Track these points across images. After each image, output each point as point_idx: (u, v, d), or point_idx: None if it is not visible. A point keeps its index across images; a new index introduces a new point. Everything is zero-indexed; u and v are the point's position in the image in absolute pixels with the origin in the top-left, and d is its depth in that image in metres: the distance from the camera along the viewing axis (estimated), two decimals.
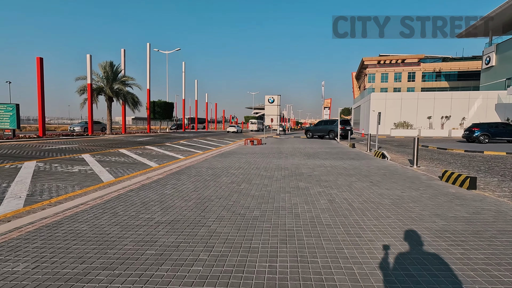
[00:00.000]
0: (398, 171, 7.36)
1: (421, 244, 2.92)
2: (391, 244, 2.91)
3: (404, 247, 2.84)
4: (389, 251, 2.75)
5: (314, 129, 24.43)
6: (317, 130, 23.89)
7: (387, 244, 2.91)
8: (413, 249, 2.80)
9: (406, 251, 2.75)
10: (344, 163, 8.97)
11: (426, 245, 2.90)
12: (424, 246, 2.88)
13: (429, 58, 66.28)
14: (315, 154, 11.73)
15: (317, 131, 23.83)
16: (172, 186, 5.63)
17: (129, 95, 27.05)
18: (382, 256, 2.65)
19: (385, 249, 2.80)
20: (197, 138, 23.46)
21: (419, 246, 2.86)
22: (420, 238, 3.08)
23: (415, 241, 3.00)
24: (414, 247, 2.84)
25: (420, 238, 3.07)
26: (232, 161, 9.57)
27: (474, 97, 31.01)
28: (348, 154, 11.92)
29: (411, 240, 3.02)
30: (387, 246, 2.87)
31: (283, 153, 12.14)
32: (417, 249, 2.80)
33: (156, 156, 11.42)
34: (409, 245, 2.90)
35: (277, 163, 9.11)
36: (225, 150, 13.69)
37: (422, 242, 2.97)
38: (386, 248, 2.81)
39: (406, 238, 3.07)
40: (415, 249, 2.79)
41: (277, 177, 6.66)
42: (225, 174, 7.05)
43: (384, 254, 2.69)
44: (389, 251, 2.75)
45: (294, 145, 17.47)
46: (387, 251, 2.75)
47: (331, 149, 14.17)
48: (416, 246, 2.86)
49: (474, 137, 18.85)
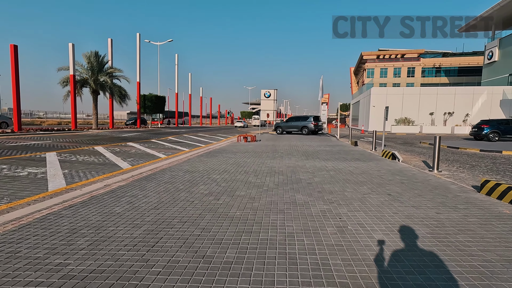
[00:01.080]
0: (417, 178, 6.02)
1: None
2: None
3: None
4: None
5: (285, 125, 23.16)
6: (288, 126, 22.75)
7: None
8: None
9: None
10: (349, 166, 7.63)
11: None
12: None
13: (429, 53, 64.99)
14: (315, 154, 10.38)
15: (288, 127, 22.71)
16: (128, 200, 4.24)
17: (116, 87, 25.43)
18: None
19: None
20: (188, 134, 22.01)
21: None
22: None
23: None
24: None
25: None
26: (218, 162, 8.19)
27: (479, 93, 29.80)
28: (351, 153, 10.58)
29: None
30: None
31: (279, 152, 10.78)
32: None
33: (133, 155, 10.00)
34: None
35: (270, 164, 7.75)
36: (214, 148, 12.30)
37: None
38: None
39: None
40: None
41: (269, 185, 5.29)
42: (205, 180, 5.67)
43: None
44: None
45: (291, 142, 16.11)
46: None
47: (332, 148, 12.84)
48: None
49: (483, 134, 17.61)
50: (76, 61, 24.77)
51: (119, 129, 27.20)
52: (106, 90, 25.11)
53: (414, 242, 2.84)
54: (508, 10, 33.54)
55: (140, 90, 31.89)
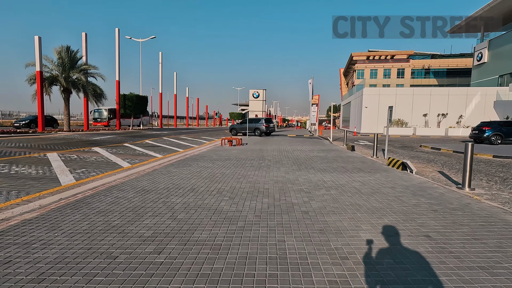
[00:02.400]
0: (449, 201, 4.48)
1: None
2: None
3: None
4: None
5: (239, 127, 23.79)
6: (242, 128, 23.28)
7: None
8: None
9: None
10: (352, 180, 6.05)
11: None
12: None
13: (418, 54, 64.96)
14: (308, 161, 8.79)
15: (242, 129, 23.25)
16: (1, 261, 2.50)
17: (90, 86, 23.25)
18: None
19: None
20: (169, 137, 20.13)
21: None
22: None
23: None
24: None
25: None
26: (189, 174, 6.48)
27: (472, 94, 29.05)
28: (350, 161, 9.05)
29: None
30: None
31: (266, 159, 9.15)
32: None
33: (90, 163, 8.18)
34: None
35: (254, 179, 6.10)
36: (193, 154, 10.57)
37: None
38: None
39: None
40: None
41: (247, 217, 3.64)
42: (157, 208, 3.97)
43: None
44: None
45: (280, 146, 14.52)
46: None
47: (326, 153, 11.30)
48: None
49: (484, 137, 16.49)
50: (46, 57, 22.58)
51: (95, 131, 25.00)
52: (79, 89, 22.90)
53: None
54: (496, 11, 33.26)
55: (119, 89, 29.72)
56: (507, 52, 32.16)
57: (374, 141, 10.15)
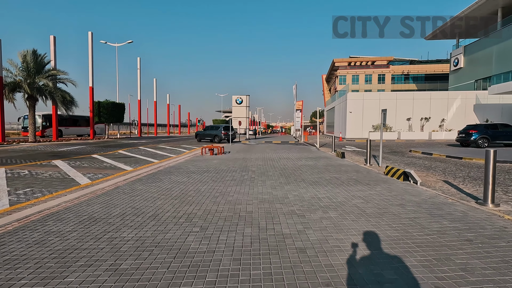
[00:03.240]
0: (481, 224, 3.60)
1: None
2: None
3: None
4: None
5: (202, 133, 25.32)
6: (205, 135, 24.85)
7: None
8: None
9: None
10: (351, 195, 5.12)
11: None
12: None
13: (397, 60, 66.53)
14: (297, 171, 7.83)
15: (205, 135, 24.84)
16: None
17: (59, 92, 21.47)
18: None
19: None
20: (146, 146, 18.71)
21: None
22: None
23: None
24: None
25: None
26: (157, 192, 5.33)
27: (453, 98, 29.42)
28: (343, 170, 8.17)
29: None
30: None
31: (249, 170, 8.11)
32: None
33: (40, 181, 6.83)
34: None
35: (234, 197, 5.04)
36: (168, 165, 9.38)
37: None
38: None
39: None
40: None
41: (221, 264, 2.57)
42: (96, 249, 2.82)
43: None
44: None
45: (265, 154, 13.54)
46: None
47: (315, 161, 10.42)
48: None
49: (471, 140, 16.25)
50: (11, 61, 20.70)
51: (65, 141, 23.11)
52: (45, 96, 21.05)
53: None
54: (471, 18, 34.30)
55: (93, 96, 27.92)
56: (481, 58, 33.10)
57: (367, 148, 9.36)
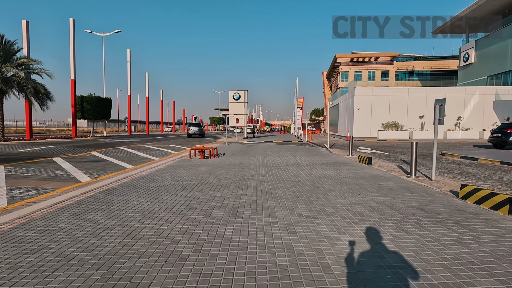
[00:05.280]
0: None
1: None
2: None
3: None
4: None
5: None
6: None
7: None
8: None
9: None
10: (441, 250, 2.59)
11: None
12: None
13: (401, 56, 64.09)
14: (318, 189, 5.30)
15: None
16: None
17: (30, 83, 18.76)
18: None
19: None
20: (129, 146, 16.10)
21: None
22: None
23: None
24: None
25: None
26: (72, 246, 2.78)
27: (470, 94, 26.97)
28: (385, 187, 5.65)
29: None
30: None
31: (248, 186, 5.56)
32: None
33: None
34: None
35: (219, 262, 2.49)
36: (139, 175, 6.80)
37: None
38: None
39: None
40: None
41: None
42: None
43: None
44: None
45: (267, 157, 11.01)
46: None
47: (336, 169, 7.89)
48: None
49: (510, 141, 13.78)
50: None
51: (39, 139, 20.44)
52: (14, 87, 18.35)
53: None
54: (481, 12, 32.10)
55: (75, 90, 25.22)
56: (495, 52, 30.74)
57: (412, 153, 6.77)
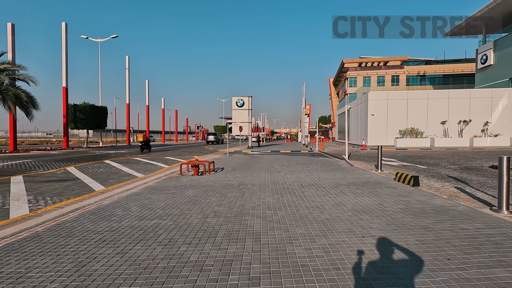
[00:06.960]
0: None
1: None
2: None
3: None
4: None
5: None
6: None
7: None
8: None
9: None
10: None
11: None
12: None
13: (412, 60, 61.77)
14: (362, 238, 3.07)
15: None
16: None
17: (11, 90, 17.03)
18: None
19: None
20: (116, 159, 14.06)
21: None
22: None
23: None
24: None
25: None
26: None
27: (498, 96, 24.47)
28: (473, 232, 3.37)
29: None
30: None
31: (245, 229, 3.34)
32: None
33: None
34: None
35: None
36: (108, 201, 4.57)
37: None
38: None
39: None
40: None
41: None
42: None
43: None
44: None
45: (275, 174, 8.76)
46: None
47: (375, 196, 5.64)
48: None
49: None
50: None
51: (23, 152, 18.61)
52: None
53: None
54: (498, 11, 29.93)
55: (67, 98, 23.52)
56: None
57: (502, 174, 4.38)
